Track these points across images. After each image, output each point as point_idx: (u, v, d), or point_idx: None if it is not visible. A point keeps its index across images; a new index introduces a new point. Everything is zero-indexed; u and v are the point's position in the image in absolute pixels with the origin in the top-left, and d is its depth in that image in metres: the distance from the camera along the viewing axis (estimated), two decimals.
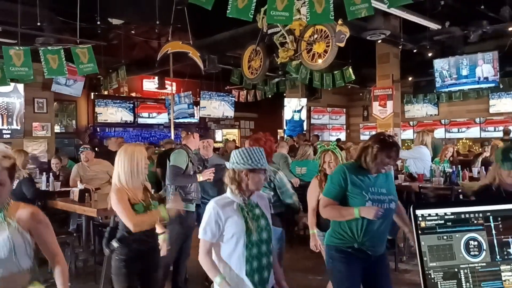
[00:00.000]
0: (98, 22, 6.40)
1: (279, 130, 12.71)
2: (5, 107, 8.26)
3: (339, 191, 2.54)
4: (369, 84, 10.92)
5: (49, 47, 5.34)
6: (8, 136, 8.32)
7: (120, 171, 2.66)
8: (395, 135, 8.96)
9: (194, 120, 12.35)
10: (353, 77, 9.27)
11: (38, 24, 5.97)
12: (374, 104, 9.84)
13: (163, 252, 2.96)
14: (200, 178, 4.08)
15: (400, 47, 8.52)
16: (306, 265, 4.94)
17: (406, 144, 11.54)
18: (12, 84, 7.53)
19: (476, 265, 1.05)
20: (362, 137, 13.34)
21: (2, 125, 8.24)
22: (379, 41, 7.89)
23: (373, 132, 11.83)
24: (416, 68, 10.17)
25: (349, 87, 11.81)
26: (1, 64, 5.73)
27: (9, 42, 5.75)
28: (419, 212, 1.06)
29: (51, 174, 6.07)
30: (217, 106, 12.56)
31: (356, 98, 13.73)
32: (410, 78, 10.98)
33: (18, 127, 8.43)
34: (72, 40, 6.01)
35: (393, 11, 6.24)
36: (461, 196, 5.19)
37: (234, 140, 12.48)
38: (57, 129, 9.88)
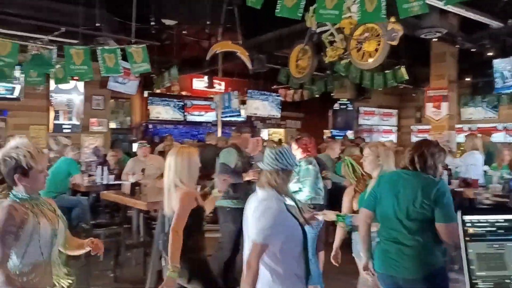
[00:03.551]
0: (152, 23, 6.63)
1: (325, 131, 12.54)
2: (66, 103, 8.78)
3: None
4: (423, 84, 10.49)
5: (106, 47, 5.61)
6: (69, 131, 8.84)
7: (182, 172, 2.69)
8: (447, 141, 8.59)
9: (241, 118, 12.47)
10: (406, 77, 8.94)
11: (97, 24, 6.30)
12: (427, 105, 9.46)
13: None
14: (246, 177, 4.12)
15: (457, 46, 8.11)
16: (349, 269, 4.83)
17: (461, 148, 10.98)
18: (73, 82, 7.98)
19: None
20: (415, 139, 12.82)
21: (63, 120, 8.76)
22: (435, 40, 7.56)
23: (426, 135, 11.38)
24: (474, 68, 9.64)
25: (401, 87, 11.40)
26: (62, 63, 6.08)
27: (70, 42, 6.09)
28: (467, 218, 1.00)
29: (105, 167, 6.38)
30: (263, 106, 12.58)
31: (409, 99, 13.23)
32: (467, 79, 10.43)
33: (77, 123, 8.93)
34: (127, 40, 6.27)
35: (450, 8, 5.95)
36: None
37: (280, 140, 12.46)
38: (112, 125, 10.34)
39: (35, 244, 1.89)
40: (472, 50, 8.17)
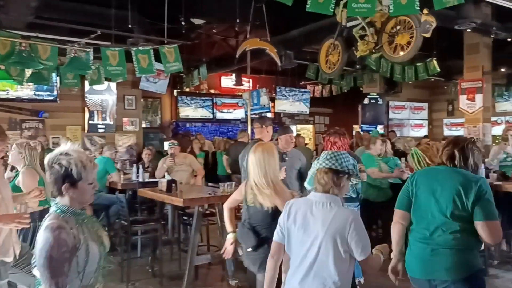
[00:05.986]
0: (183, 23, 6.73)
1: (354, 126, 12.41)
2: (100, 104, 9.03)
3: None
4: (455, 76, 10.23)
5: (140, 47, 5.74)
6: (103, 130, 9.09)
7: (269, 169, 2.73)
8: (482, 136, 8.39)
9: (269, 115, 12.49)
10: (438, 69, 8.74)
11: (129, 26, 6.45)
12: (461, 97, 9.23)
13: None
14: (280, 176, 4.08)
15: (492, 36, 7.87)
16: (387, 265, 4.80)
17: (496, 141, 10.65)
18: (106, 83, 8.19)
19: None
20: (448, 133, 12.51)
21: (98, 120, 9.03)
22: (468, 31, 7.36)
23: (460, 128, 11.10)
24: (509, 58, 9.33)
25: (432, 80, 11.15)
26: (96, 64, 6.26)
27: (104, 44, 6.26)
28: None
29: (141, 165, 6.54)
30: (292, 102, 12.57)
31: (440, 91, 12.92)
32: (502, 70, 10.10)
33: (111, 122, 9.17)
34: (159, 40, 6.40)
35: None
36: None
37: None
38: (143, 124, 10.57)
39: (86, 271, 1.72)
40: (508, 40, 7.91)
